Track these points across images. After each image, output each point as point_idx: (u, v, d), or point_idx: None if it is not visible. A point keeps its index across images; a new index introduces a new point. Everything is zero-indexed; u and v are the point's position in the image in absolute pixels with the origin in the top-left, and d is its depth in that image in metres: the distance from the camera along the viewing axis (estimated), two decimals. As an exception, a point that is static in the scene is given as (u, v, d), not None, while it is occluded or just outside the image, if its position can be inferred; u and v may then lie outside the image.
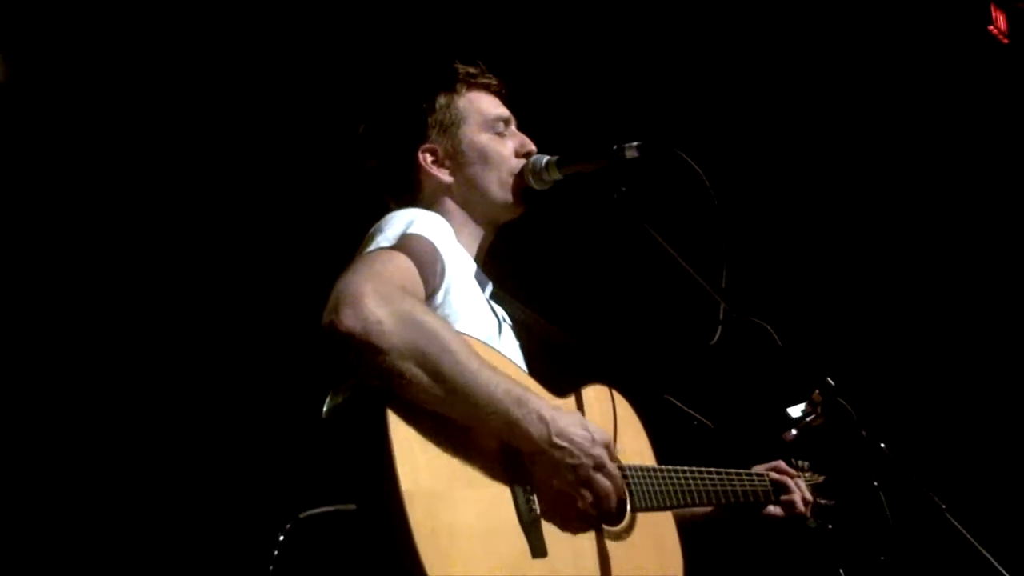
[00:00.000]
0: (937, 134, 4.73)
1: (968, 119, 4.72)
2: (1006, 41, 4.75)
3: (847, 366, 2.90)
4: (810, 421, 2.82)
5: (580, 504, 2.25)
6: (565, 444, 2.18)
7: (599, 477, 2.23)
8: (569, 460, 2.19)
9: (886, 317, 4.70)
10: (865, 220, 4.80)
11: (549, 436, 2.17)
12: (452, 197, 2.66)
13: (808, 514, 2.98)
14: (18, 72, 4.00)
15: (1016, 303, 4.62)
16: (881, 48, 4.70)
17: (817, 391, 2.64)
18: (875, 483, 2.40)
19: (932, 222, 4.74)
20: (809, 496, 3.00)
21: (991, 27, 4.75)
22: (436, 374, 2.06)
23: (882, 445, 2.37)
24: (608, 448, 2.26)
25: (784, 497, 2.96)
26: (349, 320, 2.03)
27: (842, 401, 2.43)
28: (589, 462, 2.21)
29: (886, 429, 2.41)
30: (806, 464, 3.12)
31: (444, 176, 2.66)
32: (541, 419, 2.16)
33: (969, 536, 2.28)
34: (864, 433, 2.39)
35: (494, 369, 2.15)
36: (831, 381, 2.47)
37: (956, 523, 2.28)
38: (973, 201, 4.73)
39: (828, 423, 2.93)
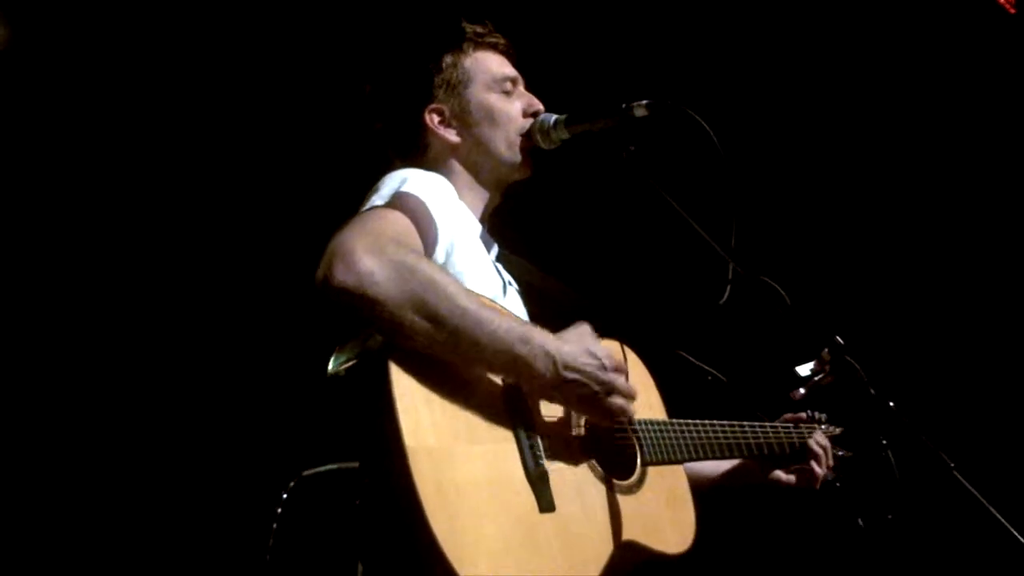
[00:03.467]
0: (943, 101, 4.71)
1: (974, 88, 4.69)
2: (1013, 11, 4.70)
3: (856, 325, 2.90)
4: (819, 380, 2.82)
5: (601, 420, 2.26)
6: (575, 376, 2.17)
7: (612, 400, 2.23)
8: (581, 391, 2.19)
9: (895, 276, 4.69)
10: (872, 182, 4.78)
11: (557, 371, 2.15)
12: (459, 157, 2.64)
13: (830, 474, 2.95)
14: (19, 37, 3.97)
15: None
16: (887, 14, 4.66)
17: (826, 350, 2.64)
18: (883, 441, 2.40)
19: (938, 184, 4.72)
20: (830, 460, 2.95)
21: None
22: (435, 318, 2.04)
23: (891, 404, 2.37)
24: (619, 369, 2.25)
25: (811, 446, 2.91)
26: (341, 274, 2.01)
27: (851, 360, 2.43)
28: (601, 389, 2.20)
29: (895, 387, 2.41)
30: (823, 416, 3.10)
31: (451, 136, 2.63)
32: (547, 354, 2.14)
33: (977, 494, 2.28)
34: (873, 391, 2.39)
35: (494, 308, 2.14)
36: (840, 340, 2.47)
37: (964, 481, 2.29)
38: (977, 164, 4.71)
39: (837, 382, 2.94)
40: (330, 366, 2.26)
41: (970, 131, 4.68)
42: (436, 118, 2.64)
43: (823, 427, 3.07)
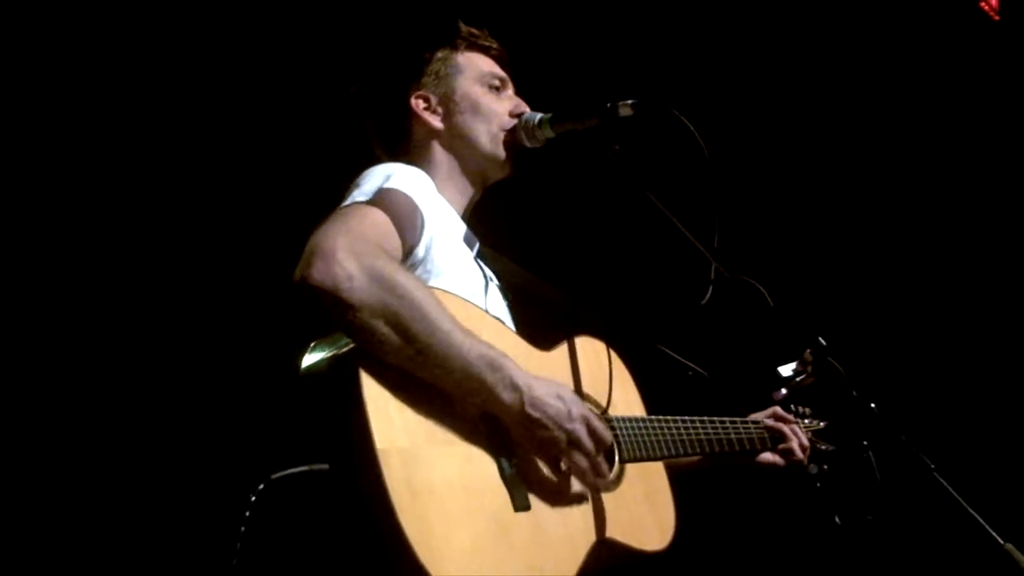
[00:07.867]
0: (927, 106, 4.73)
1: (958, 94, 4.72)
2: (997, 18, 4.73)
3: (838, 326, 2.91)
4: (800, 380, 2.83)
5: (558, 476, 2.22)
6: (538, 415, 2.13)
7: (574, 455, 2.18)
8: (542, 433, 2.14)
9: (877, 277, 4.70)
10: (856, 184, 4.79)
11: (522, 406, 2.11)
12: (442, 145, 2.65)
13: (806, 461, 2.97)
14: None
15: (1007, 264, 4.63)
16: (871, 19, 4.68)
17: (808, 350, 2.65)
18: (864, 443, 2.41)
19: (921, 186, 4.74)
20: (807, 443, 2.99)
21: (982, 3, 4.74)
22: (406, 334, 2.02)
23: (872, 405, 2.38)
24: (586, 422, 2.19)
25: (782, 445, 2.95)
26: (320, 275, 2.00)
27: (833, 361, 2.44)
28: (563, 436, 2.15)
29: (876, 389, 2.42)
30: (808, 411, 3.11)
31: (435, 122, 2.65)
32: (515, 387, 2.11)
33: (957, 495, 2.29)
34: (854, 393, 2.40)
35: (468, 332, 2.10)
36: (822, 340, 2.47)
37: (944, 482, 2.29)
38: (961, 167, 4.74)
39: (818, 382, 2.95)
40: (303, 362, 2.21)
41: (954, 135, 4.71)
42: (422, 104, 2.67)
43: (807, 421, 3.08)
